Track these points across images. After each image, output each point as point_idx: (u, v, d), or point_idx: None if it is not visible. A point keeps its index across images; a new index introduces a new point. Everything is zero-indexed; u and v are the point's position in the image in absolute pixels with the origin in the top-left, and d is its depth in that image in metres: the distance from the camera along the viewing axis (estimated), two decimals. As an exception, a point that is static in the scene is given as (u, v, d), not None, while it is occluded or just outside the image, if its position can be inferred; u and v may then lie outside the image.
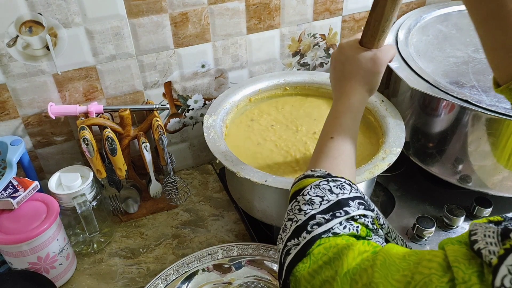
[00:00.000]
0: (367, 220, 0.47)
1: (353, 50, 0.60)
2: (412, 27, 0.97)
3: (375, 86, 0.61)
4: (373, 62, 0.59)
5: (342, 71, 0.61)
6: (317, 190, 0.49)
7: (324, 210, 0.47)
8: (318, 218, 0.46)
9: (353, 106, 0.58)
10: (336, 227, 0.45)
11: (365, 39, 0.60)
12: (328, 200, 0.47)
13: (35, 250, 0.71)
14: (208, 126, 0.81)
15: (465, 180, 0.84)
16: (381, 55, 0.60)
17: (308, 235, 0.45)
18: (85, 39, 0.77)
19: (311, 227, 0.46)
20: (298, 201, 0.49)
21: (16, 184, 0.74)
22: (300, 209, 0.48)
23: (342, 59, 0.61)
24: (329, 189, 0.49)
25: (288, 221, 0.49)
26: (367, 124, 0.87)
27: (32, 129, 0.83)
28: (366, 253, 0.41)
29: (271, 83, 0.94)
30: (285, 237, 0.48)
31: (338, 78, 0.62)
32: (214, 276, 0.76)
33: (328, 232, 0.45)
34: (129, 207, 0.89)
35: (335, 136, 0.56)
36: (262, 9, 0.88)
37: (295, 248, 0.46)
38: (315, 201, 0.48)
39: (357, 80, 0.59)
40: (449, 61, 0.86)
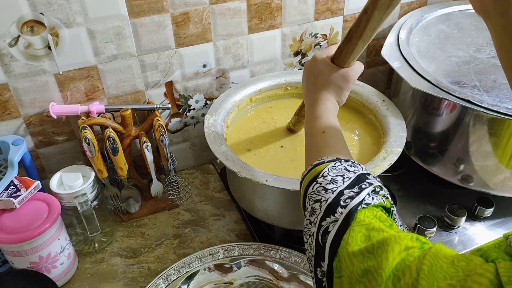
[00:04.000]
0: (386, 193, 0.49)
1: (325, 66, 0.65)
2: (414, 26, 0.97)
3: (343, 99, 0.66)
4: (343, 80, 0.64)
5: (315, 82, 0.66)
6: (335, 171, 0.50)
7: (349, 185, 0.48)
8: (347, 193, 0.47)
9: (330, 109, 0.63)
10: (367, 198, 0.46)
11: (336, 60, 0.64)
12: (348, 177, 0.49)
13: (36, 250, 0.71)
14: (209, 125, 0.81)
15: (467, 180, 0.84)
16: (351, 74, 0.65)
17: (344, 210, 0.46)
18: (86, 39, 0.77)
19: (344, 201, 0.46)
20: (319, 183, 0.50)
21: (17, 184, 0.74)
22: (326, 189, 0.49)
23: (315, 72, 0.66)
24: (345, 168, 0.51)
25: (316, 202, 0.49)
26: (369, 123, 0.87)
27: (34, 128, 0.83)
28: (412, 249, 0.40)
29: (272, 83, 0.94)
30: (316, 219, 0.48)
31: (311, 87, 0.66)
32: (215, 276, 0.76)
33: (361, 203, 0.46)
34: (130, 206, 0.89)
35: (326, 130, 0.59)
36: (264, 9, 0.88)
37: (334, 225, 0.45)
38: (338, 179, 0.49)
39: (328, 91, 0.65)
40: (450, 61, 0.86)
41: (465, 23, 0.98)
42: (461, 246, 0.83)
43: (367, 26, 0.57)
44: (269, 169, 0.78)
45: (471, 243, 0.84)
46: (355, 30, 0.59)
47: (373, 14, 0.55)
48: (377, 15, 0.55)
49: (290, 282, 0.75)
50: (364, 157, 0.80)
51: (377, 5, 0.54)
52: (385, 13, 0.55)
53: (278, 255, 0.78)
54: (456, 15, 1.01)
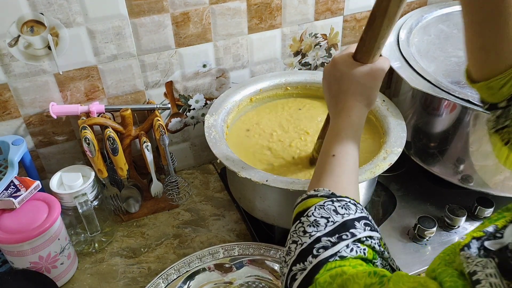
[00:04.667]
0: (373, 242, 0.46)
1: (347, 65, 0.58)
2: (414, 26, 0.97)
3: (373, 100, 0.60)
4: (369, 77, 0.58)
5: (338, 87, 0.59)
6: (322, 211, 0.47)
7: (329, 232, 0.45)
8: (324, 241, 0.44)
9: (354, 123, 0.57)
10: (343, 250, 0.43)
11: (359, 54, 0.58)
12: (333, 221, 0.46)
13: (36, 250, 0.71)
14: (209, 125, 0.81)
15: (467, 180, 0.84)
16: (377, 69, 0.58)
17: (314, 260, 0.43)
18: (86, 39, 0.77)
19: (317, 251, 0.44)
20: (302, 222, 0.47)
21: (17, 184, 0.74)
22: (305, 231, 0.46)
23: (337, 75, 0.59)
24: (334, 209, 0.47)
25: (293, 243, 0.47)
26: (368, 123, 0.87)
27: (34, 128, 0.83)
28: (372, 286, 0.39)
29: (272, 83, 0.94)
30: (290, 261, 0.46)
31: (334, 94, 0.60)
32: (215, 275, 0.76)
33: (335, 255, 0.43)
34: (130, 206, 0.89)
35: (337, 154, 0.54)
36: (264, 9, 0.88)
37: (301, 274, 0.44)
38: (320, 222, 0.46)
39: (355, 96, 0.58)
40: (450, 60, 0.86)
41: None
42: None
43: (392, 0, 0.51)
44: (269, 169, 0.78)
45: (471, 243, 0.84)
46: (377, 9, 0.53)
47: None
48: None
49: (290, 282, 0.75)
50: (365, 157, 0.80)
51: None
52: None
53: (278, 255, 0.78)
54: (456, 15, 1.01)
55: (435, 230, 0.82)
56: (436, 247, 0.83)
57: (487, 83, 0.48)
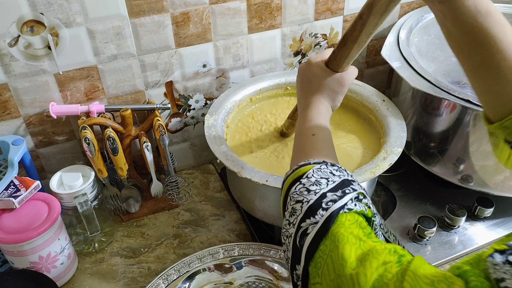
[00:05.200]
0: (369, 201, 0.49)
1: (320, 70, 0.64)
2: (414, 26, 0.97)
3: (337, 103, 0.66)
4: (338, 83, 0.64)
5: (309, 86, 0.65)
6: (320, 173, 0.49)
7: (333, 188, 0.47)
8: (330, 195, 0.46)
9: (322, 113, 0.62)
10: (349, 203, 0.46)
11: (331, 64, 0.64)
12: (333, 181, 0.48)
13: (36, 250, 0.71)
14: (209, 125, 0.81)
15: (467, 180, 0.84)
16: (346, 78, 0.64)
17: (326, 212, 0.45)
18: (86, 39, 0.77)
19: (326, 204, 0.46)
20: (303, 183, 0.49)
21: (17, 184, 0.74)
22: (309, 190, 0.48)
23: (309, 76, 0.65)
24: (331, 172, 0.50)
25: (297, 203, 0.48)
26: (368, 123, 0.87)
27: (34, 128, 0.83)
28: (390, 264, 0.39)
29: (272, 82, 0.94)
30: (296, 220, 0.47)
31: (305, 91, 0.66)
32: (215, 276, 0.76)
33: (343, 207, 0.45)
34: (130, 206, 0.89)
35: (316, 133, 0.58)
36: (264, 9, 0.88)
37: (314, 227, 0.45)
38: (322, 182, 0.48)
39: (322, 96, 0.64)
40: (450, 60, 0.86)
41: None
42: (461, 246, 0.83)
43: (362, 31, 0.57)
44: (269, 169, 0.78)
45: (471, 243, 0.84)
46: (350, 35, 0.59)
47: (368, 19, 0.55)
48: (372, 20, 0.55)
49: (290, 282, 0.75)
50: (365, 157, 0.80)
51: (372, 10, 0.54)
52: (380, 18, 0.55)
53: (278, 255, 0.78)
54: (456, 15, 1.01)
55: (435, 230, 0.82)
56: (436, 247, 0.83)
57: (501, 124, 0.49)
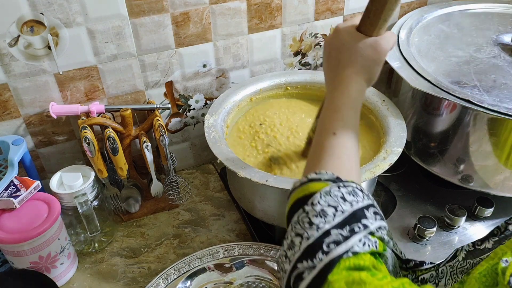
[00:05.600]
0: (383, 233, 0.42)
1: (350, 36, 0.54)
2: (414, 26, 0.97)
3: (374, 76, 0.56)
4: (373, 50, 0.54)
5: (338, 58, 0.55)
6: (328, 198, 0.42)
7: (340, 223, 0.40)
8: (334, 234, 0.40)
9: (353, 97, 0.53)
10: (356, 245, 0.39)
11: (364, 27, 0.54)
12: (342, 210, 0.41)
13: (36, 250, 0.71)
14: (209, 125, 0.81)
15: (467, 180, 0.84)
16: (383, 42, 0.54)
17: (326, 257, 0.39)
18: (86, 39, 0.77)
19: (328, 246, 0.39)
20: (306, 212, 0.42)
21: (17, 184, 0.74)
22: (311, 223, 0.41)
23: (338, 45, 0.55)
24: (342, 196, 0.43)
25: (296, 236, 0.42)
26: (368, 123, 0.87)
27: (34, 128, 0.83)
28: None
29: (272, 82, 0.94)
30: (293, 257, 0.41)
31: (333, 66, 0.56)
32: (215, 275, 0.76)
33: (347, 252, 0.39)
34: (130, 206, 0.89)
35: (337, 132, 0.50)
36: (264, 9, 0.88)
37: (310, 273, 0.39)
38: (328, 212, 0.41)
39: (355, 68, 0.54)
40: (450, 60, 0.86)
41: (465, 23, 0.98)
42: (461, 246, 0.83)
43: None
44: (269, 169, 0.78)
45: (471, 243, 0.84)
46: None
47: None
48: None
49: (290, 282, 0.75)
50: (365, 157, 0.80)
51: None
52: None
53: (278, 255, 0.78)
54: (456, 15, 1.01)
55: (435, 230, 0.82)
56: (436, 247, 0.83)
57: None
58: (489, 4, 1.02)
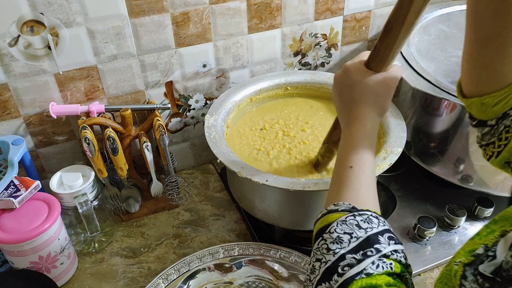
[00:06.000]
0: (399, 256, 0.44)
1: (360, 73, 0.57)
2: (414, 26, 0.97)
3: (385, 109, 0.58)
4: (383, 86, 0.56)
5: (351, 95, 0.57)
6: (344, 226, 0.46)
7: (354, 248, 0.44)
8: (348, 258, 0.43)
9: (369, 132, 0.56)
10: (369, 267, 0.42)
11: (373, 63, 0.57)
12: (356, 237, 0.45)
13: (36, 250, 0.71)
14: (209, 125, 0.81)
15: (467, 180, 0.84)
16: (391, 78, 0.57)
17: (340, 278, 0.42)
18: (86, 39, 0.77)
19: (342, 269, 0.43)
20: (325, 239, 0.46)
21: (17, 184, 0.74)
22: (328, 249, 0.45)
23: (349, 83, 0.58)
24: (357, 224, 0.46)
25: (317, 261, 0.46)
26: (369, 124, 0.87)
27: (34, 128, 0.83)
28: None
29: (272, 83, 0.94)
30: (315, 280, 0.45)
31: (346, 102, 0.58)
32: (215, 275, 0.76)
33: (361, 273, 0.42)
34: (130, 206, 0.89)
35: (354, 165, 0.53)
36: (264, 9, 0.88)
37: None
38: (343, 238, 0.45)
39: (368, 104, 0.56)
40: (450, 60, 0.86)
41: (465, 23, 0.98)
42: (461, 246, 0.82)
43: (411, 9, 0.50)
44: (269, 169, 0.78)
45: (471, 243, 0.84)
46: (395, 18, 0.51)
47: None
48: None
49: (290, 282, 0.75)
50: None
51: None
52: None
53: (278, 255, 0.78)
54: (456, 15, 1.01)
55: (435, 230, 0.82)
56: (436, 247, 0.83)
57: (481, 99, 0.47)
58: (489, 4, 1.02)
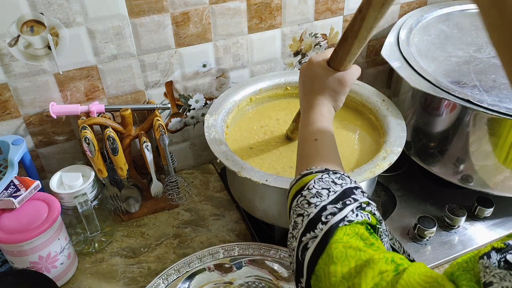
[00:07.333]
0: (373, 209, 0.48)
1: (321, 69, 0.64)
2: (414, 26, 0.97)
3: (339, 103, 0.65)
4: (339, 83, 0.63)
5: (311, 86, 0.64)
6: (321, 183, 0.49)
7: (333, 200, 0.47)
8: (330, 208, 0.46)
9: (325, 115, 0.61)
10: (349, 215, 0.46)
11: (333, 63, 0.63)
12: (334, 191, 0.48)
13: (36, 250, 0.71)
14: (209, 125, 0.81)
15: (467, 180, 0.84)
16: (348, 77, 0.63)
17: (325, 226, 0.45)
18: (86, 39, 0.77)
19: (326, 218, 0.46)
20: (304, 195, 0.49)
21: (17, 184, 0.74)
22: (309, 203, 0.48)
23: (311, 76, 0.65)
24: (332, 181, 0.50)
25: (298, 216, 0.48)
26: (369, 123, 0.87)
27: (34, 128, 0.83)
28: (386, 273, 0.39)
29: (272, 82, 0.94)
30: (298, 233, 0.47)
31: (307, 92, 0.65)
32: (215, 275, 0.76)
33: (343, 220, 0.45)
34: (130, 206, 0.89)
35: (318, 138, 0.57)
36: (263, 9, 0.88)
37: (313, 241, 0.45)
38: (322, 193, 0.48)
39: (324, 96, 0.63)
40: (450, 60, 0.86)
41: (465, 23, 0.98)
42: (461, 246, 0.83)
43: (362, 25, 0.56)
44: (269, 168, 0.78)
45: (471, 243, 0.84)
46: (350, 30, 0.58)
47: (368, 13, 0.54)
48: (372, 14, 0.54)
49: (290, 282, 0.75)
50: (364, 157, 0.80)
51: (371, 3, 0.53)
52: (379, 12, 0.53)
53: (278, 255, 0.78)
54: (456, 15, 1.01)
55: (435, 230, 0.82)
56: (436, 247, 0.83)
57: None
58: (489, 4, 1.02)
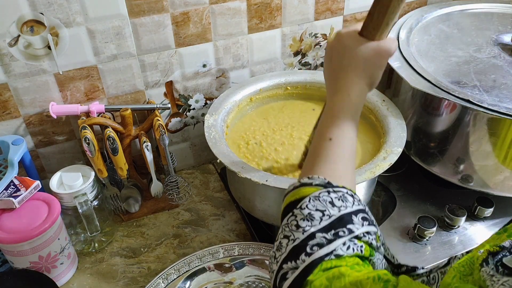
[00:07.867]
0: (370, 238, 0.43)
1: (353, 40, 0.53)
2: (414, 26, 0.97)
3: (376, 80, 0.55)
4: (376, 53, 0.53)
5: (340, 62, 0.54)
6: (317, 203, 0.44)
7: (325, 227, 0.42)
8: (318, 237, 0.41)
9: (353, 103, 0.52)
10: (339, 248, 0.40)
11: (366, 31, 0.53)
12: (329, 215, 0.42)
13: (36, 250, 0.71)
14: (209, 125, 0.81)
15: (467, 180, 0.84)
16: (385, 46, 0.53)
17: (308, 258, 0.40)
18: (86, 39, 0.77)
19: (311, 248, 0.40)
20: (295, 215, 0.44)
21: (17, 184, 0.74)
22: (298, 226, 0.42)
23: (340, 49, 0.54)
24: (330, 201, 0.44)
25: (284, 238, 0.43)
26: (368, 123, 0.87)
27: (34, 128, 0.83)
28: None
29: (272, 82, 0.94)
30: (280, 258, 0.42)
31: (335, 69, 0.55)
32: (215, 275, 0.76)
33: (330, 254, 0.40)
34: (130, 206, 0.89)
35: (333, 138, 0.50)
36: (264, 9, 0.88)
37: (293, 273, 0.40)
38: (315, 216, 0.42)
39: (357, 72, 0.53)
40: (450, 60, 0.86)
41: (465, 23, 0.98)
42: (461, 246, 0.83)
43: None
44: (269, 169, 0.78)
45: (471, 243, 0.84)
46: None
47: None
48: None
49: (290, 282, 0.75)
50: (364, 157, 0.80)
51: None
52: None
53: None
54: (456, 15, 1.01)
55: (435, 230, 0.82)
56: (436, 247, 0.83)
57: None
58: (489, 4, 1.02)
